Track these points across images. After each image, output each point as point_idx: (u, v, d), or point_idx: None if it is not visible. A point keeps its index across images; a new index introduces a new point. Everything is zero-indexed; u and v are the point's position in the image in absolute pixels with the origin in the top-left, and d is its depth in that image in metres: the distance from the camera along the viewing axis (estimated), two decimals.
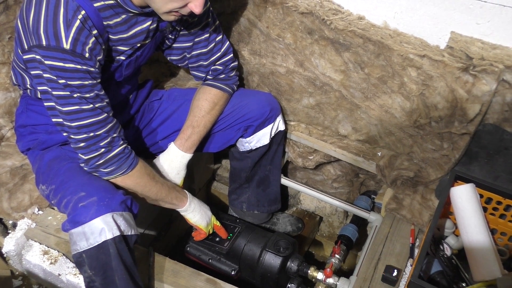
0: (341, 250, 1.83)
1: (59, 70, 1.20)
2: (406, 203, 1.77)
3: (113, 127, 1.35)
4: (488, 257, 1.41)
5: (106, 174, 1.38)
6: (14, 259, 1.69)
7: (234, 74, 1.69)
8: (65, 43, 1.18)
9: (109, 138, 1.33)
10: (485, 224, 1.48)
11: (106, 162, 1.35)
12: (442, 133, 1.64)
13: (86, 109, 1.27)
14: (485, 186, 1.51)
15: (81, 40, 1.20)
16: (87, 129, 1.29)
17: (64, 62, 1.20)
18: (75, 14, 1.19)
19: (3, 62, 1.64)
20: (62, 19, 1.18)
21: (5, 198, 1.66)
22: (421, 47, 1.54)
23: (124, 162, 1.38)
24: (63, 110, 1.26)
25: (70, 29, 1.18)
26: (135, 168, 1.41)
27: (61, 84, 1.22)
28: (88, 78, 1.25)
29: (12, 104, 1.71)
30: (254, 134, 1.75)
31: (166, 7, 1.24)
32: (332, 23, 1.61)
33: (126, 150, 1.38)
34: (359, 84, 1.72)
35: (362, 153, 1.87)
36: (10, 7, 1.59)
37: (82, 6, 1.20)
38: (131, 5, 1.28)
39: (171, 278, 1.54)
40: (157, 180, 1.49)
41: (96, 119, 1.29)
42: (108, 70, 1.41)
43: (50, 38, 1.18)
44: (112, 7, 1.28)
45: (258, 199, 1.97)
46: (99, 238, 1.27)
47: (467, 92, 1.52)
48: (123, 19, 1.32)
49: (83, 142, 1.31)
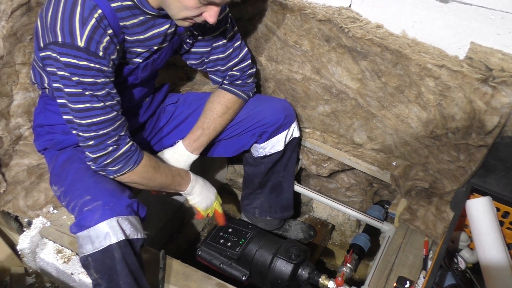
0: (352, 259, 1.82)
1: (72, 67, 1.21)
2: (420, 214, 1.75)
3: (120, 125, 1.35)
4: (504, 272, 1.40)
5: (114, 173, 1.38)
6: (28, 257, 1.70)
7: (251, 81, 1.69)
8: (79, 40, 1.19)
9: (116, 136, 1.33)
10: (501, 239, 1.46)
11: (113, 161, 1.35)
12: (459, 144, 1.62)
13: (96, 107, 1.27)
14: (502, 199, 1.49)
15: (96, 39, 1.21)
16: (97, 127, 1.29)
17: (78, 59, 1.20)
18: (91, 12, 1.20)
19: (24, 62, 1.65)
20: (78, 17, 1.19)
21: (21, 196, 1.68)
22: (439, 57, 1.53)
23: (130, 159, 1.38)
24: (74, 107, 1.26)
25: (85, 27, 1.19)
26: (141, 163, 1.41)
27: (74, 81, 1.23)
28: (101, 76, 1.25)
29: (31, 103, 1.73)
30: (268, 140, 1.74)
31: (181, 15, 1.25)
32: (350, 31, 1.60)
33: (132, 148, 1.39)
34: (375, 93, 1.71)
35: (377, 162, 1.86)
36: (32, 8, 1.60)
37: (99, 5, 1.21)
38: (148, 6, 1.29)
39: (182, 281, 1.54)
40: (161, 171, 1.50)
41: (106, 117, 1.30)
42: (124, 72, 1.42)
43: (66, 35, 1.19)
44: (129, 8, 1.28)
45: (271, 205, 1.97)
46: (104, 242, 1.27)
47: (485, 104, 1.50)
48: (140, 20, 1.32)
49: (92, 140, 1.31)
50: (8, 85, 1.64)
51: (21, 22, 1.58)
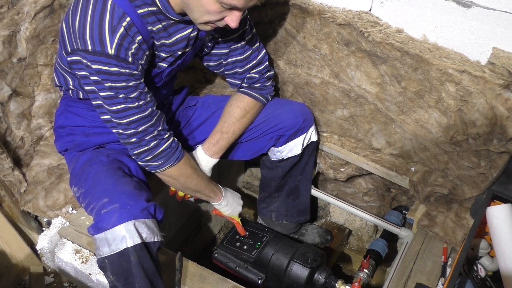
0: (369, 265, 1.82)
1: (104, 74, 1.24)
2: (439, 220, 1.74)
3: (158, 119, 1.39)
4: None
5: (155, 168, 1.45)
6: (47, 256, 1.72)
7: (269, 84, 1.70)
8: (109, 48, 1.22)
9: (155, 132, 1.38)
10: None
11: (154, 157, 1.41)
12: (480, 150, 1.61)
13: (132, 107, 1.31)
14: None
15: (124, 46, 1.24)
16: (135, 124, 1.34)
17: (109, 66, 1.23)
18: (120, 21, 1.22)
19: (46, 64, 1.68)
20: (107, 25, 1.21)
21: (41, 196, 1.69)
22: (461, 62, 1.52)
23: (172, 155, 1.43)
24: (111, 109, 1.31)
25: (115, 35, 1.22)
26: (181, 161, 1.47)
27: (107, 86, 1.26)
28: (131, 80, 1.28)
29: (52, 105, 1.75)
30: (286, 143, 1.74)
31: (203, 19, 1.26)
32: (370, 35, 1.60)
33: (173, 144, 1.44)
34: (394, 98, 1.70)
35: (395, 167, 1.85)
36: (55, 11, 1.62)
37: (128, 13, 1.23)
38: (172, 12, 1.30)
39: (198, 284, 1.54)
40: (198, 172, 1.56)
41: (143, 115, 1.34)
42: (150, 75, 1.45)
43: (96, 44, 1.22)
44: (155, 14, 1.30)
45: (288, 209, 1.97)
46: (120, 245, 1.28)
47: (508, 110, 1.48)
48: (164, 25, 1.34)
49: (134, 136, 1.36)
50: (30, 86, 1.67)
51: (44, 24, 1.61)
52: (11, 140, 1.65)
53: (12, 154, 1.65)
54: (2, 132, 1.61)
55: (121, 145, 1.56)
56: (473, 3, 1.42)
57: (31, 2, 1.55)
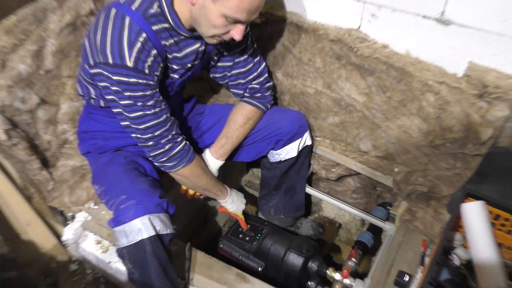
0: (357, 254, 1.82)
1: (124, 84, 1.24)
2: (419, 215, 1.74)
3: (172, 124, 1.39)
4: (494, 269, 1.37)
5: (170, 168, 1.45)
6: (71, 247, 1.72)
7: (269, 94, 1.69)
8: (128, 61, 1.22)
9: (170, 136, 1.38)
10: (492, 239, 1.44)
11: (169, 159, 1.41)
12: (456, 153, 1.61)
13: (149, 113, 1.31)
14: (494, 203, 1.46)
15: (142, 59, 1.23)
16: (152, 129, 1.34)
17: (128, 77, 1.23)
18: (137, 37, 1.22)
19: (69, 75, 1.67)
20: (126, 41, 1.21)
21: (66, 193, 1.69)
22: (440, 75, 1.51)
23: (185, 157, 1.43)
24: (130, 116, 1.31)
25: (132, 49, 1.21)
26: (192, 162, 1.47)
27: (126, 95, 1.26)
28: (148, 89, 1.28)
29: (75, 112, 1.75)
30: (283, 147, 1.74)
31: (211, 32, 1.26)
32: (359, 50, 1.60)
33: (185, 147, 1.43)
34: (380, 106, 1.69)
35: (380, 168, 1.85)
36: (77, 28, 1.62)
37: (144, 29, 1.23)
38: (182, 28, 1.30)
39: (206, 271, 1.54)
40: (207, 173, 1.56)
41: (158, 121, 1.34)
42: (163, 85, 1.44)
43: (116, 57, 1.21)
44: (168, 30, 1.30)
45: (285, 205, 1.97)
46: (137, 236, 1.28)
47: (481, 117, 1.48)
48: (175, 41, 1.34)
49: (151, 140, 1.36)
50: (56, 96, 1.67)
51: (68, 40, 1.61)
52: (39, 143, 1.65)
53: (40, 156, 1.65)
54: (31, 136, 1.61)
55: (137, 147, 1.56)
56: (451, 21, 1.42)
57: (56, 20, 1.55)
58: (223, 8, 1.17)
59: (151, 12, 1.25)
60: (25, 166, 1.58)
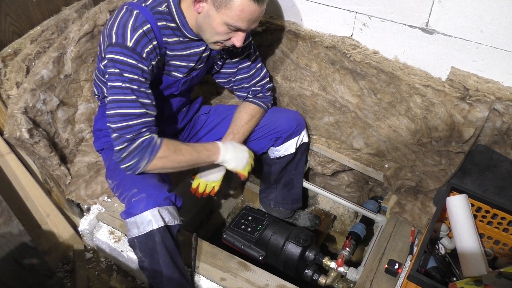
0: (351, 244, 1.81)
1: (119, 63, 1.23)
2: (408, 208, 1.74)
3: (145, 124, 1.27)
4: (476, 257, 1.38)
5: (134, 166, 1.29)
6: (87, 236, 1.72)
7: (269, 94, 1.70)
8: (129, 41, 1.23)
9: (135, 132, 1.26)
10: (474, 229, 1.44)
11: (128, 155, 1.27)
12: (441, 151, 1.61)
13: (128, 99, 1.23)
14: (476, 197, 1.47)
15: (142, 43, 1.24)
16: (120, 118, 1.24)
17: (125, 56, 1.23)
18: (142, 25, 1.24)
19: (87, 79, 1.68)
20: (130, 26, 1.23)
21: (82, 187, 1.70)
22: (425, 79, 1.52)
23: (145, 152, 1.28)
24: (109, 98, 1.24)
25: (135, 33, 1.23)
26: (158, 154, 1.30)
27: (117, 73, 1.23)
28: (139, 75, 1.25)
29: (91, 112, 1.76)
30: (282, 144, 1.74)
31: (214, 39, 1.28)
32: (352, 56, 1.60)
33: (143, 143, 1.27)
34: (371, 107, 1.70)
35: (372, 164, 1.84)
36: (94, 36, 1.64)
37: (149, 21, 1.25)
38: (189, 31, 1.32)
39: (210, 259, 1.54)
40: (183, 151, 1.36)
41: (133, 111, 1.24)
42: (168, 82, 1.44)
43: (119, 37, 1.23)
44: (173, 29, 1.31)
45: (284, 198, 1.96)
46: (147, 227, 1.27)
47: (463, 118, 1.49)
48: (180, 40, 1.35)
49: (115, 132, 1.25)
50: (74, 98, 1.68)
51: (86, 47, 1.62)
52: (58, 141, 1.66)
53: (59, 152, 1.66)
54: (51, 135, 1.62)
55: None
56: (435, 30, 1.43)
57: (76, 30, 1.57)
58: (225, 17, 1.20)
59: (159, 9, 1.28)
60: (45, 162, 1.59)
